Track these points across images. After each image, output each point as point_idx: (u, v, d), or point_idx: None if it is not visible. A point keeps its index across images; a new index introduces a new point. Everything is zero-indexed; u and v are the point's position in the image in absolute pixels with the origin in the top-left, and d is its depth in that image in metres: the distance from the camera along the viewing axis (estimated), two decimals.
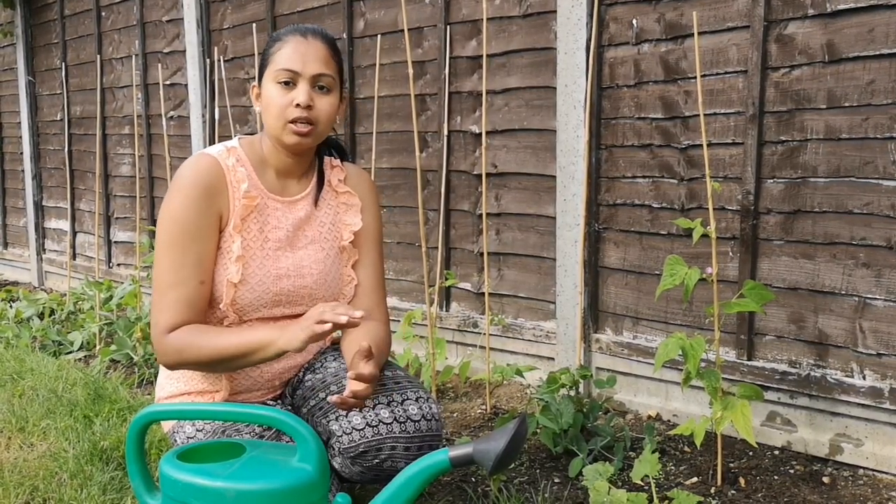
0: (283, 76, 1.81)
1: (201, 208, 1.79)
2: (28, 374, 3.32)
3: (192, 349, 1.76)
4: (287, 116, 1.81)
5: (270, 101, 1.82)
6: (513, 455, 1.40)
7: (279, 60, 1.82)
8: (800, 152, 2.42)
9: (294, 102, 1.80)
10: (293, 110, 1.80)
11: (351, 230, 1.99)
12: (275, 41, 1.86)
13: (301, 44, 1.82)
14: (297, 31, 1.86)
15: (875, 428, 2.33)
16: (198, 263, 1.79)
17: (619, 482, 2.24)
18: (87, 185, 5.40)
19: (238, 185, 1.83)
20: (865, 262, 2.32)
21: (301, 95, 1.80)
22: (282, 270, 1.88)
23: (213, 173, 1.82)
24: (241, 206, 1.83)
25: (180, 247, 1.78)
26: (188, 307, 1.78)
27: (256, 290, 1.85)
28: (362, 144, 3.69)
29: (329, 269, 1.95)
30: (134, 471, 1.59)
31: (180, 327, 1.78)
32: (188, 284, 1.78)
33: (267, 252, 1.87)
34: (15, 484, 2.23)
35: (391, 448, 1.79)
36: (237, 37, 4.23)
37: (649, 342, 2.80)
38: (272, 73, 1.83)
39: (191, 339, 1.76)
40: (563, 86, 2.90)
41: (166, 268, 1.78)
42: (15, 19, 5.95)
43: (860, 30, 2.27)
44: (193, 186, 1.79)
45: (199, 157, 1.84)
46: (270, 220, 1.88)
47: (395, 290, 3.62)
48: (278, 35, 1.88)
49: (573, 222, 2.91)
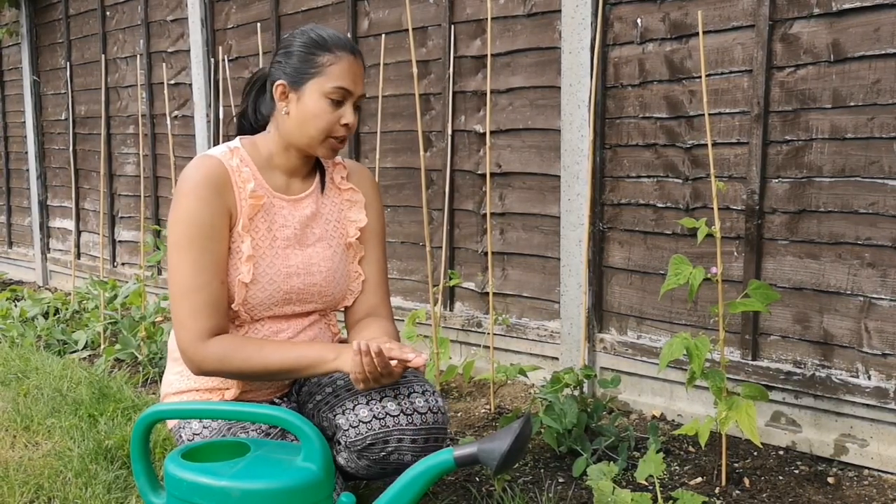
0: (338, 94, 1.81)
1: (213, 207, 1.78)
2: (33, 373, 3.33)
3: (236, 360, 1.76)
4: (333, 133, 1.83)
5: (316, 115, 1.81)
6: (517, 455, 1.40)
7: (335, 76, 1.80)
8: (805, 152, 2.41)
9: (342, 122, 1.83)
10: (340, 128, 1.83)
11: (357, 227, 2.01)
12: (323, 51, 1.81)
13: (354, 64, 1.83)
14: (348, 47, 1.84)
15: (880, 428, 2.33)
16: (216, 263, 1.79)
17: (623, 482, 2.24)
18: (92, 184, 5.40)
19: (244, 185, 1.83)
20: (871, 261, 2.32)
21: (351, 117, 1.83)
22: (292, 268, 1.89)
23: (218, 173, 1.81)
24: (249, 206, 1.83)
25: (198, 248, 1.76)
26: (216, 310, 1.78)
27: (268, 289, 1.86)
28: (367, 144, 3.69)
29: (337, 265, 1.97)
30: (139, 470, 1.60)
31: (217, 333, 1.78)
32: (212, 286, 1.77)
33: (276, 251, 1.87)
34: (20, 482, 2.24)
35: (398, 440, 1.80)
36: (241, 36, 4.23)
37: (654, 342, 2.80)
38: (324, 87, 1.80)
39: (235, 350, 1.77)
40: (567, 85, 2.89)
41: (187, 272, 1.76)
42: (20, 19, 5.96)
43: (866, 29, 2.26)
44: (202, 187, 1.78)
45: (202, 158, 1.84)
46: (278, 218, 1.89)
47: (399, 290, 3.62)
48: (325, 44, 1.82)
49: (577, 222, 2.90)
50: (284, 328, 1.92)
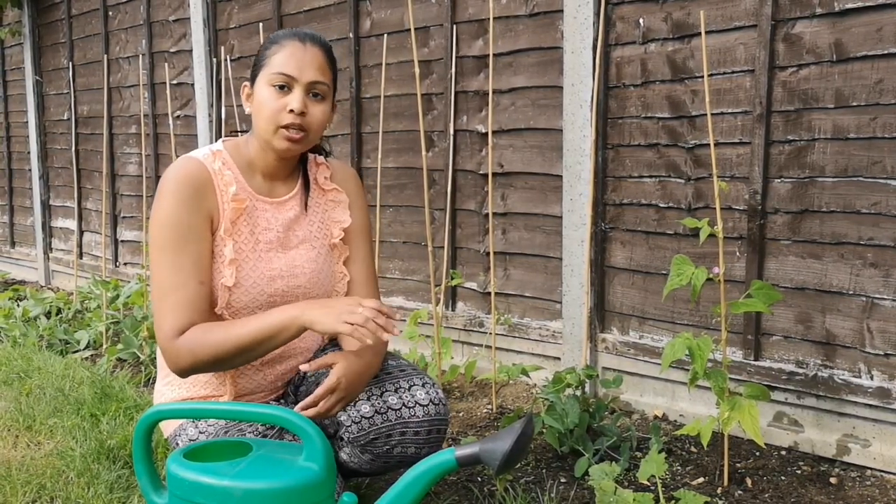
0: (279, 80, 1.78)
1: (192, 208, 1.76)
2: (35, 373, 3.34)
3: (207, 346, 1.71)
4: (280, 121, 1.78)
5: (263, 104, 1.79)
6: (519, 455, 1.40)
7: (275, 63, 1.79)
8: (807, 152, 2.41)
9: (288, 108, 1.77)
10: (286, 116, 1.78)
11: (341, 227, 1.98)
12: (272, 43, 1.83)
13: (299, 49, 1.80)
14: (295, 35, 1.83)
15: (883, 428, 2.33)
16: (195, 263, 1.76)
17: (625, 482, 2.24)
18: (94, 184, 5.41)
19: (226, 188, 1.81)
20: (873, 261, 2.31)
21: (295, 102, 1.77)
22: (275, 271, 1.87)
23: (199, 176, 1.79)
24: (231, 210, 1.81)
25: (176, 249, 1.75)
26: (191, 308, 1.74)
27: (251, 293, 1.84)
28: (368, 144, 3.69)
29: (321, 267, 1.95)
30: (141, 469, 1.60)
31: (187, 329, 1.75)
32: (188, 286, 1.74)
33: (259, 254, 1.85)
34: (22, 482, 2.24)
35: (401, 434, 1.81)
36: (244, 36, 4.23)
37: (656, 342, 2.80)
38: (267, 76, 1.79)
39: (204, 337, 1.72)
40: (569, 85, 2.89)
41: (165, 272, 1.75)
42: (22, 19, 5.97)
43: (868, 29, 2.26)
44: (182, 187, 1.76)
45: (184, 160, 1.81)
46: (260, 221, 1.87)
47: (400, 290, 3.62)
48: (276, 37, 1.84)
49: (579, 222, 2.90)
50: None
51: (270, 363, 1.93)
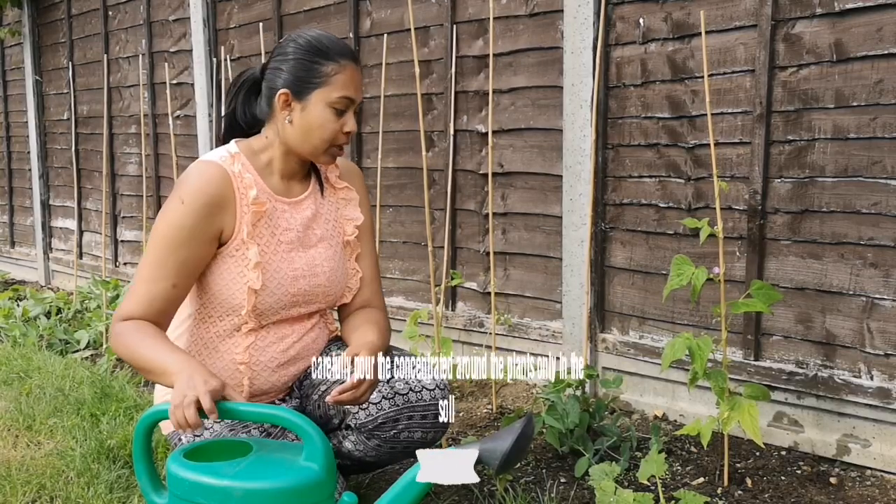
0: (342, 104, 1.81)
1: (200, 219, 1.77)
2: (35, 373, 3.34)
3: (121, 345, 1.74)
4: (336, 142, 1.84)
5: (321, 125, 1.81)
6: (519, 455, 1.40)
7: (340, 86, 1.80)
8: (807, 152, 2.41)
9: (345, 130, 1.83)
10: (342, 137, 1.84)
11: (354, 224, 2.01)
12: (327, 60, 1.80)
13: (356, 72, 1.84)
14: (350, 55, 1.84)
15: (883, 428, 2.33)
16: (178, 266, 1.77)
17: (625, 482, 2.24)
18: (94, 184, 5.41)
19: (246, 191, 1.82)
20: (873, 262, 2.31)
21: (353, 125, 1.84)
22: (297, 271, 1.89)
23: (221, 184, 1.79)
24: (252, 213, 1.81)
25: (168, 248, 1.76)
26: (148, 304, 1.76)
27: (276, 294, 1.85)
28: (368, 144, 3.69)
29: (338, 265, 1.97)
30: (141, 469, 1.60)
31: (131, 320, 1.75)
32: (160, 284, 1.76)
33: (281, 255, 1.87)
34: (22, 482, 2.24)
35: (408, 418, 1.85)
36: (244, 36, 4.23)
37: (656, 342, 2.80)
38: (329, 97, 1.79)
39: (126, 335, 1.73)
40: (569, 85, 2.89)
41: (149, 262, 1.78)
42: (22, 18, 5.97)
43: (868, 29, 2.26)
44: (200, 196, 1.77)
45: (207, 165, 1.80)
46: (280, 222, 1.88)
47: (401, 290, 3.62)
48: (328, 52, 1.81)
49: (579, 222, 2.90)
50: (288, 333, 1.93)
51: (285, 365, 1.95)
